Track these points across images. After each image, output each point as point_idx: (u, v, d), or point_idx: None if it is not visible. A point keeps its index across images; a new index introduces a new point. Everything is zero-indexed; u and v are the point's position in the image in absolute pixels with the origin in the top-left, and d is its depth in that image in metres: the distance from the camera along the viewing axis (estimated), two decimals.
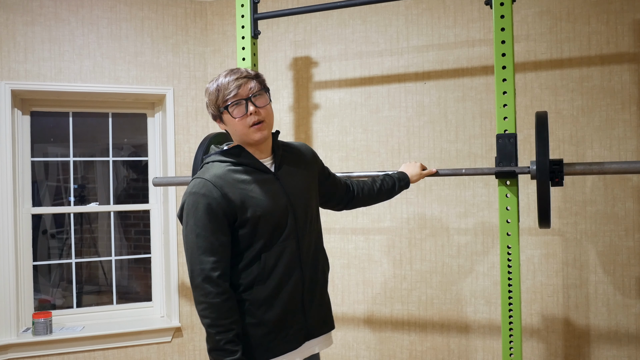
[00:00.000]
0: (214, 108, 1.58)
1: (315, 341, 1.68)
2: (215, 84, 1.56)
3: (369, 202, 2.04)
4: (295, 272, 1.60)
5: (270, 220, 1.54)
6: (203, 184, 1.50)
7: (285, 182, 1.63)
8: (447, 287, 2.86)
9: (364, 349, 3.03)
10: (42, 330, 3.01)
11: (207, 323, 1.47)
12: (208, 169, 1.56)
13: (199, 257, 1.48)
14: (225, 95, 1.53)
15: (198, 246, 1.48)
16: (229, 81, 1.54)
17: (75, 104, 3.29)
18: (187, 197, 1.52)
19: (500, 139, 2.09)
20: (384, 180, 2.06)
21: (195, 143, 3.30)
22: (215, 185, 1.50)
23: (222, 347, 1.46)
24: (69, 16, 3.11)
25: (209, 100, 1.59)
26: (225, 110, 1.54)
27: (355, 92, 3.04)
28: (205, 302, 1.47)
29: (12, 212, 2.99)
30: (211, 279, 1.46)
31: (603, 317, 2.60)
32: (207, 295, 1.46)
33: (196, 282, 1.48)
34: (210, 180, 1.51)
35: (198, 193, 1.49)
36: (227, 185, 1.51)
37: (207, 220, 1.48)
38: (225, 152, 1.60)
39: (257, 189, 1.55)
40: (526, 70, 2.71)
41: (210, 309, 1.46)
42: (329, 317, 1.75)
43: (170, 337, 3.25)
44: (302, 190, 1.66)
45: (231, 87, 1.53)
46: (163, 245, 3.38)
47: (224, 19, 3.33)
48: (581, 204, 2.64)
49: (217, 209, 1.48)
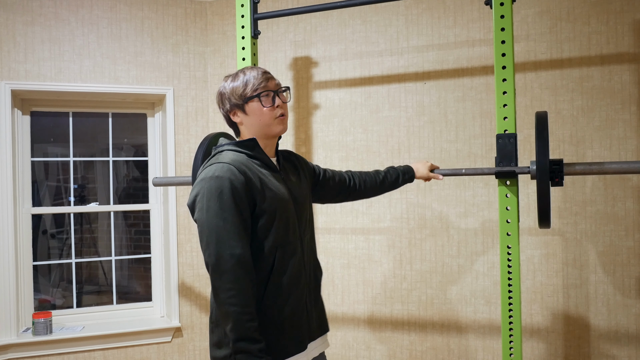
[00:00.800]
0: (238, 97, 1.58)
1: (314, 343, 1.68)
2: (242, 76, 1.59)
3: (370, 194, 2.04)
4: (303, 272, 1.60)
5: (284, 215, 1.54)
6: (227, 168, 1.47)
7: (290, 181, 1.65)
8: (447, 287, 2.86)
9: (364, 349, 3.03)
10: (42, 330, 3.01)
11: (235, 310, 1.39)
12: (224, 156, 1.54)
13: (228, 242, 1.41)
14: (255, 84, 1.56)
15: (227, 230, 1.42)
16: (259, 73, 1.58)
17: (75, 104, 3.29)
18: (209, 181, 1.46)
19: (500, 139, 2.09)
20: (387, 172, 2.07)
21: (195, 143, 3.30)
22: (238, 170, 1.47)
23: (251, 336, 1.40)
24: (69, 16, 3.11)
25: (231, 90, 1.58)
26: (256, 98, 1.56)
27: (355, 92, 3.04)
28: (235, 288, 1.40)
29: (12, 212, 2.99)
30: (243, 264, 1.42)
31: (603, 317, 2.60)
32: (237, 280, 1.40)
33: (225, 268, 1.40)
34: (233, 164, 1.48)
35: (222, 177, 1.45)
36: (249, 170, 1.50)
37: (233, 204, 1.44)
38: (239, 143, 1.60)
39: (273, 182, 1.56)
40: (526, 70, 2.71)
41: (240, 295, 1.40)
42: (325, 319, 1.76)
43: (170, 337, 3.25)
44: (301, 191, 1.69)
45: (261, 79, 1.57)
46: (163, 245, 3.38)
47: (224, 19, 3.33)
48: (581, 204, 2.64)
49: (242, 193, 1.46)
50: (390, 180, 2.06)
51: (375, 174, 2.05)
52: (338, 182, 1.95)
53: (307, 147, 3.14)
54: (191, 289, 3.29)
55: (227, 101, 1.60)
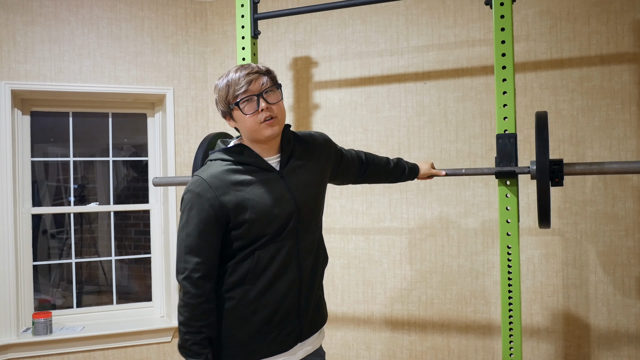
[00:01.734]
0: (224, 105, 1.53)
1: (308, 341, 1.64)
2: (225, 80, 1.51)
3: (377, 179, 2.03)
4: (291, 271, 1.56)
5: (267, 222, 1.51)
6: (200, 183, 1.48)
7: (291, 179, 1.58)
8: (447, 287, 2.86)
9: (364, 349, 3.03)
10: (42, 330, 3.01)
11: (180, 320, 1.48)
12: (208, 167, 1.54)
13: (184, 256, 1.47)
14: (235, 90, 1.49)
15: (185, 245, 1.47)
16: (240, 77, 1.49)
17: (75, 104, 3.29)
18: (185, 194, 1.51)
19: (500, 139, 2.09)
20: (397, 164, 2.06)
21: (195, 143, 3.30)
22: (210, 186, 1.47)
23: (188, 347, 1.47)
24: (69, 16, 3.11)
25: (218, 97, 1.54)
26: (236, 106, 1.50)
27: (355, 92, 3.04)
28: (183, 299, 1.47)
29: (12, 212, 2.99)
30: (191, 279, 1.46)
31: (603, 317, 2.60)
32: (185, 294, 1.47)
33: (178, 279, 1.49)
34: (207, 180, 1.48)
35: (194, 192, 1.48)
36: (223, 186, 1.48)
37: (197, 221, 1.46)
38: (228, 150, 1.57)
39: (256, 189, 1.51)
40: (526, 70, 2.71)
41: (186, 307, 1.47)
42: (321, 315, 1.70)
43: (170, 337, 3.25)
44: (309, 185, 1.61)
45: (242, 83, 1.48)
46: (163, 245, 3.37)
47: (224, 19, 3.33)
48: (581, 204, 2.64)
49: (209, 211, 1.46)
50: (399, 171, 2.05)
51: (387, 161, 2.03)
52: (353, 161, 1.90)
53: None
54: None
55: (219, 107, 1.57)
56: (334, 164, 1.79)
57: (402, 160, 2.10)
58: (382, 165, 2.00)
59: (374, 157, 2.00)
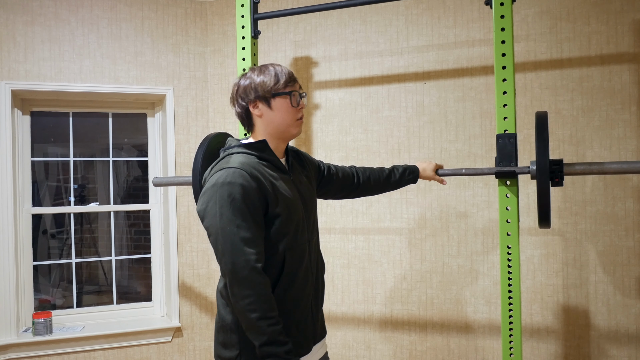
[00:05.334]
0: (265, 90, 1.53)
1: (318, 345, 1.68)
2: (272, 70, 1.55)
3: (373, 191, 2.03)
4: (311, 275, 1.59)
5: (295, 219, 1.52)
6: (239, 174, 1.43)
7: (298, 182, 1.62)
8: (447, 287, 2.86)
9: (364, 349, 3.03)
10: (42, 330, 3.01)
11: (256, 317, 1.38)
12: (234, 159, 1.49)
13: (242, 249, 1.39)
14: (287, 81, 1.54)
15: (241, 237, 1.40)
16: (288, 73, 1.56)
17: (75, 104, 3.29)
18: (220, 187, 1.43)
19: (500, 139, 2.09)
20: (392, 170, 2.06)
21: (195, 143, 3.30)
22: (250, 175, 1.44)
23: (275, 339, 1.39)
24: (69, 16, 3.11)
25: (261, 82, 1.54)
26: (284, 95, 1.54)
27: (355, 92, 3.04)
28: (253, 294, 1.38)
29: (12, 212, 2.99)
30: (257, 270, 1.40)
31: (603, 317, 2.60)
32: (255, 287, 1.39)
33: (241, 275, 1.39)
34: (244, 169, 1.44)
35: (234, 182, 1.41)
36: (261, 175, 1.47)
37: (247, 210, 1.41)
38: (249, 145, 1.55)
39: (283, 185, 1.53)
40: (526, 70, 2.71)
41: (260, 301, 1.39)
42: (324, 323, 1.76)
43: (171, 337, 3.25)
44: (310, 193, 1.67)
45: (292, 78, 1.56)
46: (163, 245, 3.38)
47: (224, 19, 3.33)
48: (581, 204, 2.64)
49: (254, 198, 1.43)
50: (394, 179, 2.05)
51: (380, 171, 2.03)
52: (342, 178, 1.92)
53: (307, 147, 3.14)
54: (191, 289, 3.29)
55: (253, 91, 1.55)
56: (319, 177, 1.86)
57: (397, 166, 2.10)
58: (375, 174, 2.01)
59: (365, 168, 2.02)
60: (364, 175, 1.98)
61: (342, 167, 1.96)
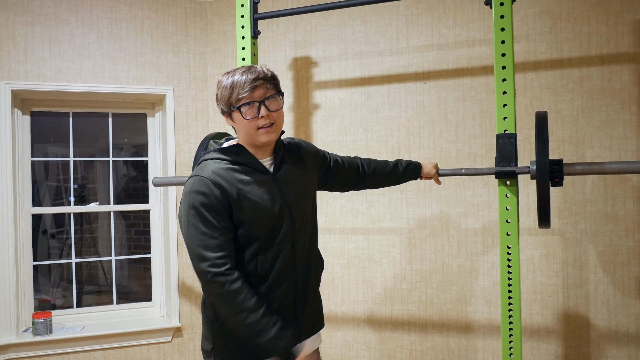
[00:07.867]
0: (225, 104, 1.54)
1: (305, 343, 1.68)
2: (231, 80, 1.52)
3: (377, 185, 2.02)
4: (288, 275, 1.59)
5: (266, 222, 1.53)
6: (203, 182, 1.48)
7: (283, 184, 1.61)
8: (447, 287, 2.86)
9: (364, 349, 3.03)
10: (42, 330, 3.01)
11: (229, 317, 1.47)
12: (206, 166, 1.54)
13: (205, 255, 1.45)
14: (239, 94, 1.50)
15: (204, 244, 1.46)
16: (245, 80, 1.50)
17: (75, 104, 3.29)
18: (187, 195, 1.50)
19: (500, 139, 2.09)
20: (396, 165, 2.05)
21: (195, 143, 3.30)
22: (213, 183, 1.48)
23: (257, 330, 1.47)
24: (69, 16, 3.11)
25: (221, 96, 1.55)
26: (237, 109, 1.51)
27: (355, 92, 3.04)
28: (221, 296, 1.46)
29: (12, 212, 2.99)
30: (222, 273, 1.45)
31: (603, 317, 2.60)
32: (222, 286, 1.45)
33: (207, 279, 1.46)
34: (209, 177, 1.49)
35: (198, 191, 1.47)
36: (226, 182, 1.50)
37: (209, 217, 1.46)
38: (224, 150, 1.58)
39: (255, 189, 1.53)
40: (526, 70, 2.71)
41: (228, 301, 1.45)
42: (320, 317, 1.75)
43: (170, 337, 3.25)
44: (299, 191, 1.64)
45: (246, 87, 1.49)
46: (163, 245, 3.38)
47: (224, 19, 3.33)
48: (581, 204, 2.64)
49: (217, 206, 1.47)
50: (398, 172, 2.04)
51: (384, 164, 2.02)
52: (348, 169, 1.90)
53: None
54: (191, 289, 3.29)
55: (219, 104, 1.58)
56: (323, 170, 1.83)
57: (402, 160, 2.10)
58: (380, 167, 2.00)
59: (371, 161, 2.00)
60: (369, 168, 1.97)
61: (348, 157, 1.95)
